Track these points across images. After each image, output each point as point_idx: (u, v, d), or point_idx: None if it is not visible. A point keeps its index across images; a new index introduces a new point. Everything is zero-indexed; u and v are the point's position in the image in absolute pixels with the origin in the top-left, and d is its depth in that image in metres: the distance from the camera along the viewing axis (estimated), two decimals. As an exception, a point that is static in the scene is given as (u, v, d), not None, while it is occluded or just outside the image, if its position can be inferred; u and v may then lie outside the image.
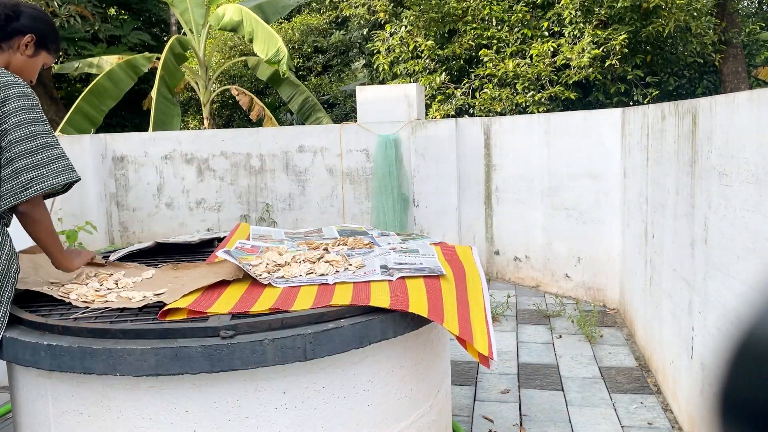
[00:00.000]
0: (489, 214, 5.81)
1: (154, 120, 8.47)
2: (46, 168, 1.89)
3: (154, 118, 8.49)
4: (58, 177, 1.90)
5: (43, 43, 2.07)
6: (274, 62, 8.57)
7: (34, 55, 2.06)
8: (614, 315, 4.53)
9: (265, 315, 1.75)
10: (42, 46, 2.07)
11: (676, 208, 2.95)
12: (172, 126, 8.73)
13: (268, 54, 8.54)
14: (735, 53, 9.36)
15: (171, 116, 8.83)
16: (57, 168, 1.91)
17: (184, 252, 2.79)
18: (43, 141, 1.89)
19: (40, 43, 2.06)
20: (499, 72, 7.58)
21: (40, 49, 2.07)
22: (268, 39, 8.62)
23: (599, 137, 4.75)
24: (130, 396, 1.66)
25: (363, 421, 1.82)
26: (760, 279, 1.92)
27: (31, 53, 2.05)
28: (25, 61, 2.04)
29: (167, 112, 8.78)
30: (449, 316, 1.87)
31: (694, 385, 2.61)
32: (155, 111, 8.54)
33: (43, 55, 2.09)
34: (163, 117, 8.63)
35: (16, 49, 2.02)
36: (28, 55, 2.04)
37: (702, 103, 2.56)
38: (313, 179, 6.36)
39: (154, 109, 8.54)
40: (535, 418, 2.99)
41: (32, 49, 2.05)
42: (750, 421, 0.40)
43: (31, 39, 2.03)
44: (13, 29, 2.00)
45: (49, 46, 2.10)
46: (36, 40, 2.04)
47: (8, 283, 1.87)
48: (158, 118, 8.53)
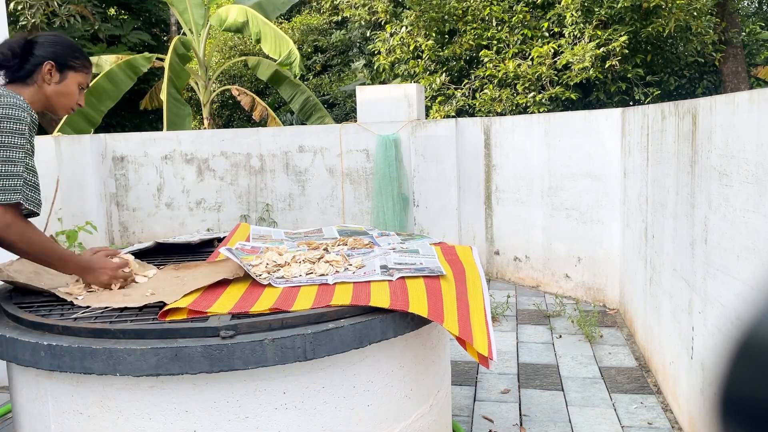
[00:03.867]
0: (489, 214, 5.81)
1: (167, 121, 8.48)
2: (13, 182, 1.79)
3: (167, 119, 8.49)
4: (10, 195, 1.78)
5: (66, 65, 2.01)
6: (285, 64, 8.58)
7: (61, 80, 2.00)
8: (614, 315, 4.53)
9: (265, 315, 1.75)
10: (65, 67, 2.01)
11: (676, 208, 2.95)
12: (184, 126, 8.74)
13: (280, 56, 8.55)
14: (735, 53, 9.36)
15: (182, 117, 8.84)
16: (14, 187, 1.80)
17: (184, 252, 2.79)
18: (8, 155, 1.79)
19: (61, 66, 2.00)
20: (499, 73, 7.59)
21: (66, 71, 2.01)
22: (277, 40, 8.63)
23: (599, 137, 4.75)
24: (130, 396, 1.66)
25: (363, 421, 1.82)
26: (760, 279, 1.92)
27: (58, 79, 1.99)
28: (55, 89, 1.99)
29: (178, 112, 8.80)
30: (449, 316, 1.87)
31: (694, 385, 2.61)
32: (167, 112, 8.55)
33: (71, 76, 2.02)
34: (175, 118, 8.64)
35: (42, 82, 1.97)
36: (56, 83, 1.99)
37: (702, 103, 2.56)
38: (313, 179, 6.36)
39: (166, 110, 8.55)
40: (535, 418, 2.99)
41: (57, 75, 1.99)
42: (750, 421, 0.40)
43: (50, 66, 1.97)
44: (32, 64, 1.96)
45: (73, 64, 2.03)
46: (56, 64, 1.99)
47: None
48: (170, 120, 8.54)
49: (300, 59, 8.56)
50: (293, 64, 8.49)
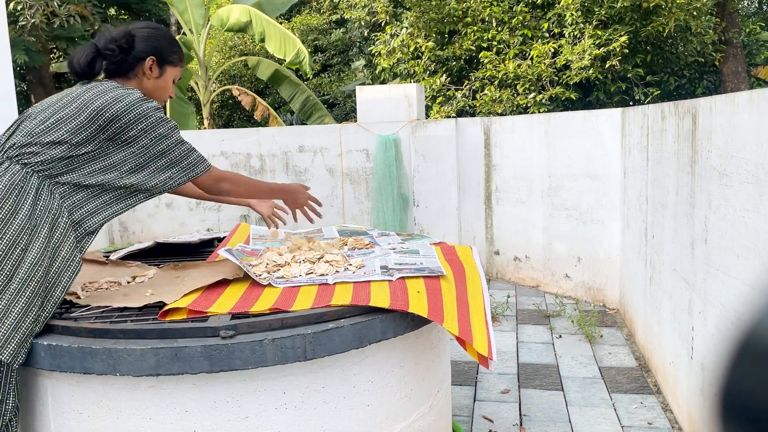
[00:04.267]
0: (489, 214, 5.81)
1: None
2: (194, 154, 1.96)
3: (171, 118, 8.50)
4: (204, 162, 1.97)
5: (165, 59, 2.03)
6: (295, 64, 8.56)
7: (161, 74, 2.02)
8: (614, 315, 4.53)
9: (265, 315, 1.75)
10: (165, 62, 2.03)
11: (676, 208, 2.95)
12: (188, 125, 8.75)
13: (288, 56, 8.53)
14: (735, 53, 9.36)
15: (186, 115, 8.85)
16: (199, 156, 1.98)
17: (184, 252, 2.79)
18: (179, 136, 1.94)
19: (162, 61, 2.02)
20: (499, 73, 7.58)
21: (165, 66, 2.03)
22: (283, 40, 8.61)
23: (599, 137, 4.75)
24: (130, 396, 1.66)
25: (363, 421, 1.82)
26: (760, 279, 1.92)
27: (158, 74, 2.02)
28: (155, 83, 2.02)
29: (182, 111, 8.81)
30: (449, 316, 1.86)
31: (694, 385, 2.61)
32: (171, 112, 8.55)
33: (169, 70, 2.05)
34: (178, 116, 8.66)
35: (143, 76, 1.99)
36: (155, 77, 2.01)
37: (702, 103, 2.56)
38: (313, 179, 6.36)
39: (170, 109, 8.56)
40: (535, 418, 2.99)
41: (157, 70, 2.01)
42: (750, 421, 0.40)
43: (152, 61, 1.99)
44: (133, 58, 1.97)
45: (172, 59, 2.05)
46: (158, 60, 2.00)
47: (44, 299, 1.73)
48: (174, 119, 8.55)
49: (309, 58, 8.53)
50: (303, 62, 8.47)
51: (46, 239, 1.75)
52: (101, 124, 1.82)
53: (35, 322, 1.71)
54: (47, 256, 1.75)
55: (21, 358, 1.67)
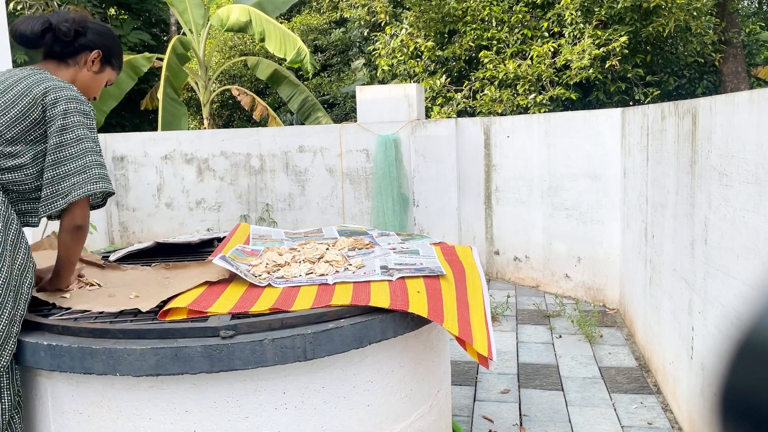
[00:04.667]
0: (489, 214, 5.81)
1: (162, 121, 8.47)
2: (88, 173, 1.84)
3: (162, 119, 8.48)
4: (97, 183, 1.85)
5: (109, 60, 2.05)
6: (296, 62, 8.56)
7: (100, 71, 2.04)
8: (614, 315, 4.53)
9: (265, 315, 1.75)
10: (107, 62, 2.05)
11: (676, 208, 2.95)
12: (180, 126, 8.73)
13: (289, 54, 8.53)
14: (735, 53, 9.36)
15: (178, 117, 8.83)
16: (95, 174, 1.85)
17: (184, 252, 2.79)
18: (87, 146, 1.85)
19: (105, 59, 2.04)
20: (499, 73, 7.58)
21: (106, 65, 2.06)
22: (283, 38, 8.61)
23: (599, 137, 4.75)
24: (130, 396, 1.66)
25: (363, 422, 1.82)
26: (760, 279, 1.92)
27: (97, 69, 2.03)
28: (91, 77, 2.03)
29: (174, 113, 8.79)
30: (449, 316, 1.86)
31: (694, 385, 2.61)
32: (163, 112, 8.54)
33: (108, 71, 2.07)
34: (170, 118, 8.63)
35: (83, 65, 2.00)
36: (94, 71, 2.02)
37: (702, 103, 2.56)
38: (313, 179, 6.36)
39: (162, 110, 8.54)
40: (535, 418, 2.99)
41: (98, 65, 2.03)
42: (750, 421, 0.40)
43: (98, 55, 2.01)
44: (80, 45, 1.98)
45: (114, 62, 2.08)
46: (102, 56, 2.02)
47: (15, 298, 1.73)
48: (166, 120, 8.53)
49: (310, 56, 8.53)
50: (304, 61, 8.47)
51: (3, 236, 1.75)
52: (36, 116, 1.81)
53: (11, 323, 1.70)
54: (8, 255, 1.74)
55: (5, 360, 1.68)
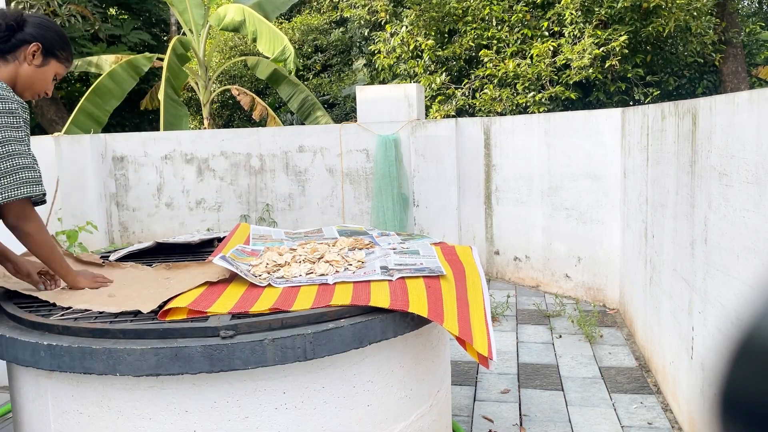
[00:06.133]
0: (489, 214, 5.81)
1: (164, 121, 8.45)
2: (8, 178, 1.78)
3: (164, 120, 8.47)
4: (18, 189, 1.79)
5: (51, 52, 2.00)
6: (280, 60, 8.56)
7: (42, 64, 1.99)
8: (614, 315, 4.53)
9: (265, 315, 1.75)
10: (50, 54, 2.00)
11: (676, 208, 2.95)
12: (181, 127, 8.72)
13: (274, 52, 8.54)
14: (735, 53, 9.36)
15: (179, 117, 8.82)
16: (18, 179, 1.79)
17: (184, 252, 2.79)
18: (11, 149, 1.79)
19: (47, 51, 1.99)
20: (499, 72, 7.59)
21: (49, 58, 2.00)
22: (273, 38, 8.62)
23: (599, 137, 4.75)
24: (130, 396, 1.66)
25: (363, 421, 1.82)
26: (760, 279, 1.92)
27: (39, 63, 1.98)
28: (33, 71, 1.97)
29: (175, 113, 8.78)
30: (449, 316, 1.86)
31: (694, 385, 2.61)
32: (164, 113, 8.53)
33: (53, 64, 2.02)
34: (171, 119, 8.62)
35: (23, 60, 1.95)
36: (36, 65, 1.97)
37: (702, 103, 2.56)
38: (313, 179, 6.36)
39: (163, 111, 8.53)
40: (535, 418, 2.99)
41: (40, 58, 1.97)
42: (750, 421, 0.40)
43: (37, 48, 1.96)
44: (17, 40, 1.94)
45: (58, 54, 2.02)
46: (43, 48, 1.97)
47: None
48: (167, 120, 8.52)
49: (295, 54, 8.52)
50: (288, 60, 8.46)
51: None
52: None
53: None
54: None
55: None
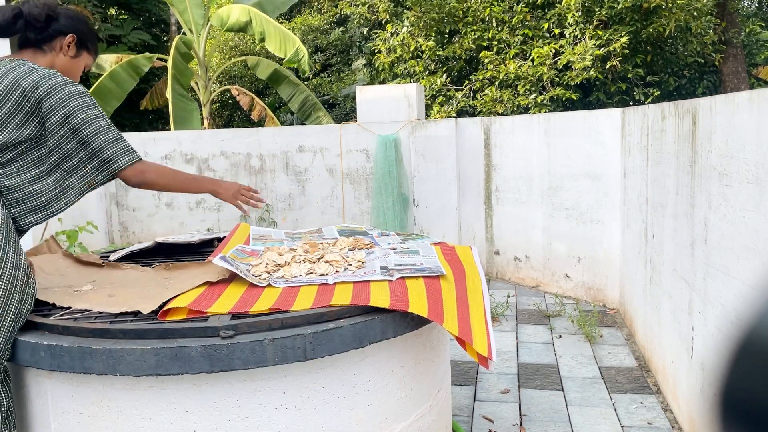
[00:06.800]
0: (489, 214, 5.81)
1: (174, 117, 8.42)
2: (124, 142, 1.93)
3: (174, 116, 8.44)
4: (134, 151, 1.95)
5: (84, 44, 2.05)
6: (294, 62, 8.56)
7: (76, 55, 2.04)
8: (614, 315, 4.53)
9: (265, 315, 1.75)
10: (83, 46, 2.05)
11: (676, 208, 2.95)
12: (192, 122, 8.68)
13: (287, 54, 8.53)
14: (735, 53, 9.36)
15: (189, 111, 8.79)
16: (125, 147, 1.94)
17: (184, 252, 2.79)
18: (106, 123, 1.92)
19: (81, 43, 2.04)
20: (500, 74, 7.58)
21: (82, 50, 2.05)
22: (283, 38, 8.61)
23: (599, 137, 4.75)
24: (130, 396, 1.66)
25: (363, 421, 1.82)
26: (760, 279, 1.92)
27: (74, 54, 2.03)
28: (68, 62, 2.02)
29: (186, 108, 8.75)
30: (449, 316, 1.86)
31: (694, 385, 2.61)
32: (174, 109, 8.49)
33: (84, 55, 2.07)
34: (182, 114, 8.58)
35: (59, 51, 1.99)
36: (71, 56, 2.02)
37: (702, 103, 2.56)
38: (313, 179, 6.36)
39: (173, 107, 8.49)
40: (535, 418, 2.99)
41: (74, 49, 2.02)
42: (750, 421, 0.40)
43: (72, 39, 2.00)
44: (54, 30, 1.97)
45: (89, 46, 2.08)
46: (77, 40, 2.02)
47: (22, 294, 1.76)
48: (178, 116, 8.48)
49: (308, 56, 8.53)
50: (301, 61, 8.47)
51: (7, 234, 1.76)
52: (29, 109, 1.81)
53: (17, 318, 1.74)
54: (13, 249, 1.76)
55: (7, 354, 1.73)
